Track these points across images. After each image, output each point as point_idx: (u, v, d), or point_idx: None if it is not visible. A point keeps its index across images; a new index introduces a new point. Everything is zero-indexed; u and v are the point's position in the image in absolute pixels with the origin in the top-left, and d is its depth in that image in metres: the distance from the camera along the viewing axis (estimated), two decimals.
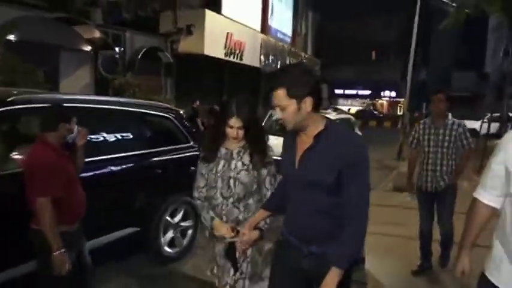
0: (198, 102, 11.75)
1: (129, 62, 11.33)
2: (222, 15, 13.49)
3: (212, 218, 2.34)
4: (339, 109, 22.72)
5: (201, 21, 12.19)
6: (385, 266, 4.17)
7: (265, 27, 17.16)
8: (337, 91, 39.48)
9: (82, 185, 2.68)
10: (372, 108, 38.85)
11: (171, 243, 4.24)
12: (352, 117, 10.19)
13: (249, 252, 2.30)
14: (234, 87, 16.04)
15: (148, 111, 4.12)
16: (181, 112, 4.91)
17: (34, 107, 3.09)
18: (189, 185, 2.58)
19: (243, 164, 2.28)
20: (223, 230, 2.27)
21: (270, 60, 16.90)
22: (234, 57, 14.08)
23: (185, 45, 12.34)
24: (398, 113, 33.22)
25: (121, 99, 4.33)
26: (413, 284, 3.85)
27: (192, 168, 4.51)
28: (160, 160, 4.06)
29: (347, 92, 41.18)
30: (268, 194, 2.30)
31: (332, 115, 8.79)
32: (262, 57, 16.16)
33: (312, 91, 1.82)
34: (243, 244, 2.19)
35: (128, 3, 12.61)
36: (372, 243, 4.41)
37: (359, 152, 1.85)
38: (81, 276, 2.66)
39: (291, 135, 1.99)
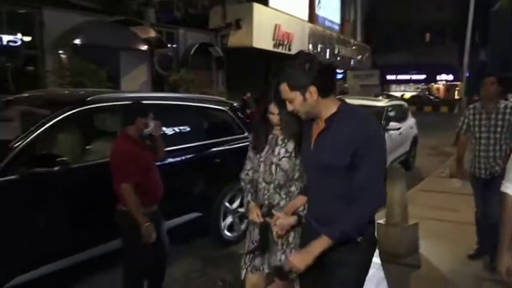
0: (248, 94, 12.06)
1: (182, 58, 11.82)
2: (270, 7, 13.63)
3: (248, 202, 2.42)
4: (391, 95, 22.18)
5: (249, 14, 12.40)
6: (440, 250, 4.20)
7: (313, 17, 17.08)
8: (389, 77, 38.25)
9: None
10: (427, 93, 37.29)
11: (230, 228, 4.54)
12: (404, 103, 9.96)
13: (291, 238, 2.29)
14: None
15: (207, 105, 4.43)
16: (236, 105, 5.16)
17: (107, 105, 3.48)
18: None
19: (286, 151, 2.30)
20: (253, 214, 2.31)
21: (319, 49, 16.83)
22: (282, 48, 14.20)
23: (234, 39, 12.63)
24: (456, 97, 31.73)
25: (184, 96, 4.66)
26: (469, 268, 3.86)
27: None
28: (218, 150, 4.35)
29: (400, 77, 39.77)
30: None
31: (383, 102, 8.71)
32: (310, 46, 16.13)
33: (314, 79, 1.82)
34: (277, 228, 2.19)
35: (179, 1, 13.12)
36: (426, 228, 4.46)
37: (369, 133, 1.81)
38: (159, 253, 3.00)
39: (308, 122, 2.00)
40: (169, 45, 11.38)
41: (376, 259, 4.09)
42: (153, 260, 2.90)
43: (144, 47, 10.57)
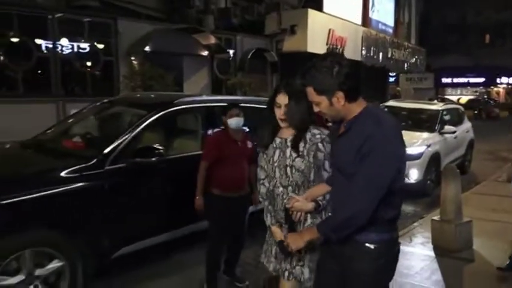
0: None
1: (239, 62, 12.43)
2: (324, 12, 13.95)
3: (269, 227, 2.40)
4: (446, 99, 21.61)
5: (304, 20, 12.80)
6: (493, 247, 4.38)
7: (366, 20, 17.17)
8: (445, 80, 37.04)
9: None
10: (486, 97, 35.70)
11: None
12: (460, 107, 9.91)
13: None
14: None
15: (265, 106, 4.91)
16: None
17: (189, 107, 4.05)
18: None
19: (297, 151, 2.28)
20: (278, 235, 2.29)
21: (372, 53, 16.88)
22: None
23: (289, 44, 13.07)
24: None
25: (255, 99, 5.10)
26: None
27: None
28: None
29: (456, 80, 38.35)
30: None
31: (438, 105, 8.79)
32: (363, 50, 16.23)
33: (341, 84, 1.77)
34: (294, 209, 2.19)
35: (236, 9, 13.76)
36: (480, 228, 4.66)
37: (373, 139, 1.74)
38: (236, 235, 3.51)
39: (336, 125, 1.99)
40: (227, 51, 12.01)
41: (430, 252, 4.38)
42: (229, 241, 3.44)
43: (205, 53, 11.28)
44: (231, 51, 12.41)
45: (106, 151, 3.39)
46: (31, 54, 8.56)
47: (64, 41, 9.07)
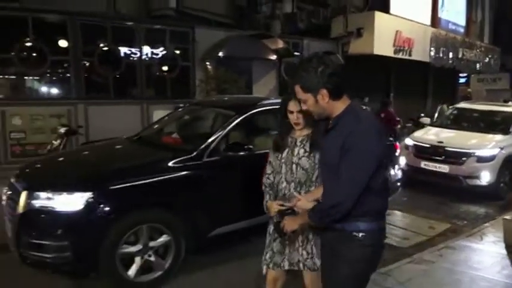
0: (366, 99, 12.56)
1: None
2: (391, 14, 13.89)
3: (266, 202, 2.62)
4: None
5: (371, 22, 12.87)
6: None
7: (435, 21, 16.75)
8: None
9: None
10: None
11: None
12: None
13: (310, 236, 2.49)
14: (401, 83, 16.20)
15: None
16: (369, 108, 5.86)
17: (270, 108, 4.48)
18: None
19: (305, 151, 2.46)
20: (272, 207, 2.47)
21: (441, 54, 16.44)
22: (403, 54, 14.32)
23: (355, 47, 13.20)
24: None
25: None
26: None
27: None
28: None
29: None
30: None
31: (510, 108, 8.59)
32: (432, 51, 15.87)
33: (325, 83, 1.94)
34: (298, 207, 2.31)
35: (302, 13, 14.14)
36: None
37: (353, 135, 1.90)
38: None
39: (323, 121, 2.14)
40: (295, 54, 12.39)
41: (501, 250, 4.49)
42: None
43: (273, 57, 11.78)
44: (298, 55, 12.79)
45: (203, 146, 3.96)
46: (120, 61, 9.57)
47: (147, 49, 10.01)
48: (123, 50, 9.70)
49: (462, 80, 22.97)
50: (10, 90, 8.99)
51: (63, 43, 8.98)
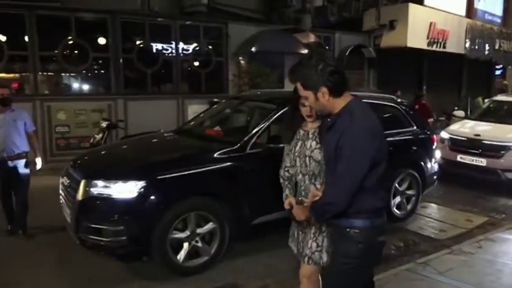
0: (398, 93, 12.41)
1: (337, 59, 12.76)
2: (425, 5, 13.64)
3: (286, 195, 2.65)
4: None
5: (404, 15, 12.69)
6: None
7: (471, 11, 16.29)
8: None
9: None
10: None
11: (399, 207, 5.34)
12: None
13: (324, 227, 2.45)
14: (434, 76, 15.88)
15: (385, 102, 5.31)
16: (405, 102, 5.89)
17: None
18: (412, 160, 3.37)
19: (317, 143, 2.46)
20: (286, 203, 2.54)
21: (477, 45, 16.00)
22: (436, 46, 14.05)
23: (387, 40, 13.06)
24: None
25: (370, 94, 5.51)
26: None
27: (414, 148, 5.52)
28: (392, 140, 5.17)
29: None
30: None
31: None
32: (467, 43, 15.48)
33: (325, 81, 1.97)
34: (311, 195, 2.35)
35: (333, 7, 14.08)
36: None
37: (353, 132, 1.93)
38: None
39: (325, 118, 2.22)
40: (327, 48, 12.39)
41: None
42: None
43: (305, 51, 11.82)
44: (330, 48, 12.78)
45: (246, 138, 4.12)
46: (157, 58, 9.87)
47: (182, 45, 10.27)
48: (160, 46, 10.00)
49: (498, 72, 22.25)
50: (54, 86, 9.45)
51: (102, 40, 9.36)
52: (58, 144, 8.78)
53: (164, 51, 10.08)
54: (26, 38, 8.50)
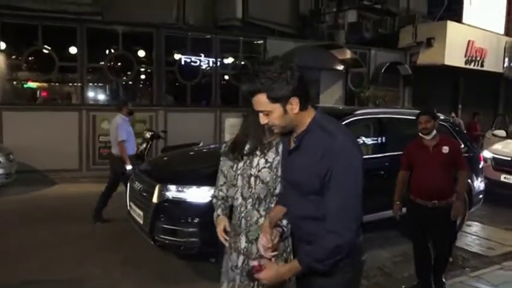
0: (453, 114, 12.31)
1: (372, 76, 12.76)
2: (463, 23, 13.52)
3: (217, 216, 2.19)
4: None
5: (442, 32, 12.61)
6: None
7: (510, 29, 16.04)
8: None
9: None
10: None
11: None
12: None
13: (259, 246, 1.87)
14: (470, 94, 15.63)
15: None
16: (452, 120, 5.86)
17: (365, 117, 4.68)
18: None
19: (266, 161, 2.04)
20: (220, 226, 2.11)
21: None
22: (474, 65, 13.87)
23: (424, 57, 12.98)
24: None
25: (411, 111, 5.50)
26: None
27: None
28: None
29: None
30: None
31: None
32: (506, 62, 15.21)
33: (296, 90, 1.62)
34: (263, 249, 1.81)
35: (367, 23, 14.12)
36: None
37: (342, 153, 1.60)
38: (437, 246, 3.65)
39: (285, 138, 1.86)
40: (363, 65, 12.40)
41: None
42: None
43: (341, 67, 11.89)
44: (365, 65, 12.80)
45: None
46: (197, 71, 10.12)
47: (221, 58, 10.51)
48: (200, 59, 10.26)
49: None
50: (100, 96, 9.81)
51: (144, 53, 9.69)
52: (101, 153, 9.05)
53: (204, 65, 10.33)
54: (75, 50, 8.89)
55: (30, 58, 8.95)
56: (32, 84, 10.53)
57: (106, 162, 8.81)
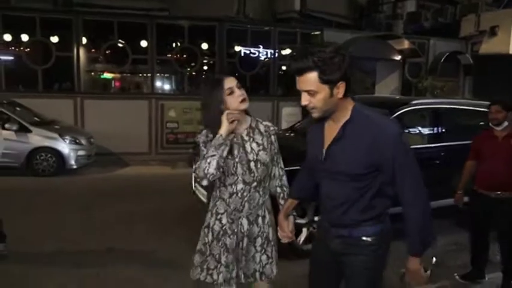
0: (507, 102, 11.86)
1: (431, 65, 12.57)
2: None
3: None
4: None
5: (508, 21, 12.11)
6: None
7: None
8: None
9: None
10: None
11: None
12: None
13: (270, 235, 2.22)
14: None
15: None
16: None
17: (424, 107, 4.90)
18: None
19: (258, 144, 2.15)
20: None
21: None
22: None
23: (487, 47, 12.54)
24: None
25: (477, 102, 5.50)
26: None
27: None
28: None
29: None
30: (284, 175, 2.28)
31: None
32: None
33: (345, 75, 1.64)
34: (286, 237, 2.18)
35: (427, 12, 13.85)
36: None
37: (397, 141, 1.69)
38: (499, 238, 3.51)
39: (317, 124, 1.86)
40: (422, 55, 12.26)
41: None
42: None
43: (398, 57, 11.85)
44: (423, 55, 12.63)
45: None
46: (256, 62, 10.59)
47: (279, 50, 10.89)
48: (259, 51, 10.72)
49: None
50: (167, 86, 10.60)
51: (207, 46, 10.30)
52: (168, 139, 9.84)
53: (262, 56, 10.78)
54: (145, 43, 9.67)
55: (106, 51, 9.84)
56: (107, 75, 11.57)
57: (173, 146, 9.62)
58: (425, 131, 5.08)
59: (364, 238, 1.82)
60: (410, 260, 1.82)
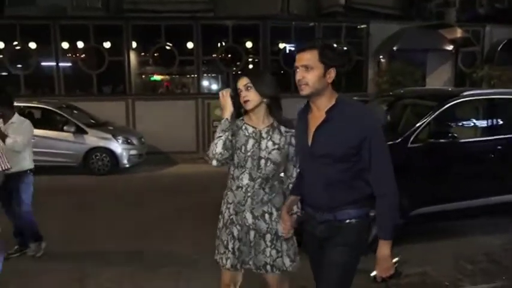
0: None
1: (487, 54, 11.87)
2: None
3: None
4: None
5: None
6: None
7: None
8: None
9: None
10: None
11: None
12: None
13: (280, 230, 2.23)
14: None
15: None
16: None
17: (475, 98, 4.65)
18: None
19: (274, 143, 2.21)
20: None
21: None
22: None
23: None
24: None
25: None
26: None
27: None
28: None
29: None
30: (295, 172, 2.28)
31: None
32: None
33: (338, 65, 1.89)
34: (286, 232, 2.19)
35: None
36: None
37: (376, 125, 1.90)
38: None
39: (303, 111, 2.02)
40: (476, 44, 11.61)
41: None
42: None
43: (450, 47, 11.29)
44: (478, 43, 11.96)
45: (408, 133, 4.35)
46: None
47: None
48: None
49: None
50: (213, 86, 10.80)
51: (251, 44, 10.36)
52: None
53: None
54: (191, 45, 9.90)
55: (155, 54, 10.20)
56: (156, 77, 12.00)
57: None
58: (480, 123, 4.82)
59: (347, 221, 1.92)
60: (382, 245, 1.88)
